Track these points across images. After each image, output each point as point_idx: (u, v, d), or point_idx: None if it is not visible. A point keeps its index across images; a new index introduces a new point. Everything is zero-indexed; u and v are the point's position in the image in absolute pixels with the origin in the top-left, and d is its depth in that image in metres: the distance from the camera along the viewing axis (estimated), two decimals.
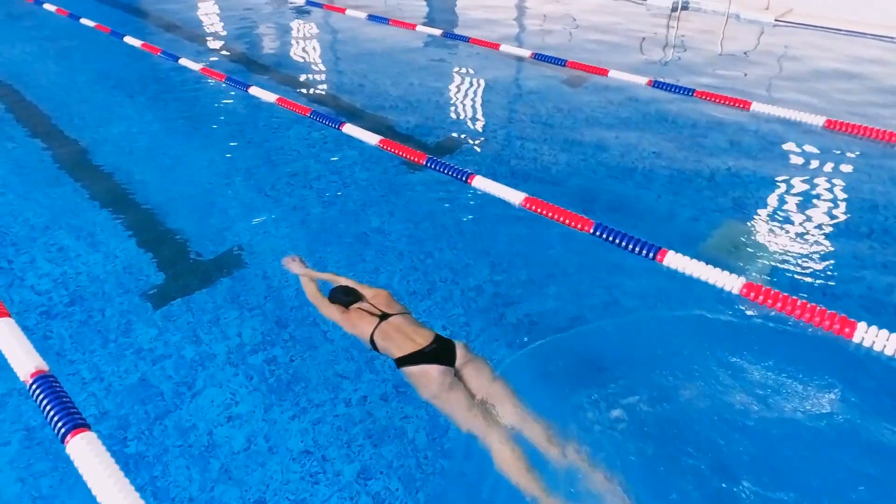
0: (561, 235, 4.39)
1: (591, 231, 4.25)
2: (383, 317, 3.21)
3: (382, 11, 10.06)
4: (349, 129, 5.70)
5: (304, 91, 7.14)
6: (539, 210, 4.50)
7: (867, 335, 3.34)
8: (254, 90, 6.53)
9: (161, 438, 2.97)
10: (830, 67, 7.59)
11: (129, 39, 8.28)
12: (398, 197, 4.99)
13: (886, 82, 7.10)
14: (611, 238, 4.17)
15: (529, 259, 4.26)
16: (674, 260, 3.92)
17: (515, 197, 4.63)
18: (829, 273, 4.03)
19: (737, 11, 9.71)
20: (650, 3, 10.55)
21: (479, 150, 5.77)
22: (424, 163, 5.16)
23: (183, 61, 7.43)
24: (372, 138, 5.48)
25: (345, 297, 3.39)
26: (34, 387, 2.98)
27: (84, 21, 9.15)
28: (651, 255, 4.01)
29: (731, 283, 3.72)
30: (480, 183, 4.82)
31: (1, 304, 3.52)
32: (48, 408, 2.88)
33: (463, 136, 6.07)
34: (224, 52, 8.49)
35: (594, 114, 6.44)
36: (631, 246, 4.09)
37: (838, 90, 6.87)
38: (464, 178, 4.91)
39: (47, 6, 10.02)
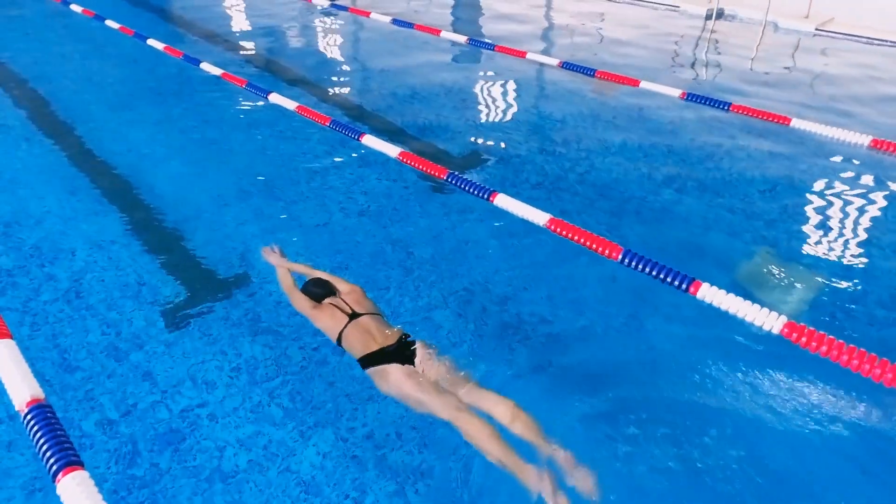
0: (587, 258, 4.17)
1: (620, 259, 4.00)
2: (353, 316, 3.24)
3: (407, 16, 9.88)
4: (369, 140, 5.53)
5: (324, 98, 6.99)
6: (565, 233, 4.27)
7: None
8: (274, 97, 6.39)
9: (165, 479, 2.81)
10: (876, 82, 7.23)
11: (152, 42, 8.23)
12: (418, 213, 4.81)
13: None
14: (640, 267, 3.92)
15: (552, 282, 4.06)
16: (708, 293, 3.66)
17: (540, 218, 4.40)
18: (877, 312, 3.74)
19: (775, 20, 9.34)
20: (684, 10, 10.22)
21: (502, 163, 5.56)
22: (445, 178, 4.96)
23: (204, 66, 7.34)
24: (392, 150, 5.30)
25: (317, 290, 3.42)
26: (28, 417, 2.84)
27: (109, 23, 9.13)
28: (684, 286, 3.75)
29: (770, 321, 3.44)
30: (503, 202, 4.60)
31: (3, 325, 3.40)
32: (40, 441, 2.74)
33: (486, 148, 5.87)
34: (246, 57, 8.39)
35: (623, 127, 6.18)
36: (662, 276, 3.83)
37: (885, 106, 6.52)
38: (486, 196, 4.70)
39: (74, 7, 10.04)
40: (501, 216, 4.62)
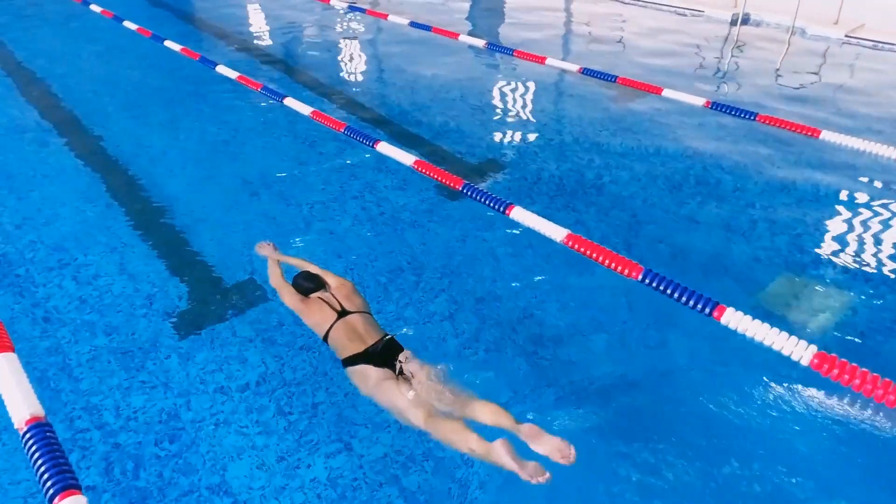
0: (605, 274, 4.02)
1: (640, 278, 3.85)
2: (342, 314, 3.24)
3: (425, 18, 9.77)
4: (384, 147, 5.42)
5: (340, 102, 6.89)
6: (583, 250, 4.13)
7: None
8: (289, 101, 6.32)
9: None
10: None
11: (169, 44, 8.20)
12: (432, 222, 4.70)
13: None
14: (661, 288, 3.77)
15: (568, 298, 3.94)
16: (733, 318, 3.50)
17: (557, 233, 4.27)
18: None
19: (803, 26, 9.08)
20: (708, 15, 9.99)
21: (519, 172, 5.43)
22: (461, 189, 4.83)
23: (220, 69, 7.29)
24: (407, 159, 5.19)
25: (307, 284, 3.44)
26: (27, 437, 2.77)
27: (127, 24, 9.13)
28: (707, 310, 3.59)
29: (799, 351, 3.28)
30: (519, 215, 4.47)
31: (7, 338, 3.34)
32: (38, 463, 2.66)
33: (503, 155, 5.74)
34: (262, 59, 8.33)
35: (644, 136, 6.01)
36: (684, 299, 3.68)
37: None
38: (502, 209, 4.57)
39: (93, 7, 10.06)
40: (517, 228, 4.49)
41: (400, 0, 11.38)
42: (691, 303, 3.65)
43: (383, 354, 3.04)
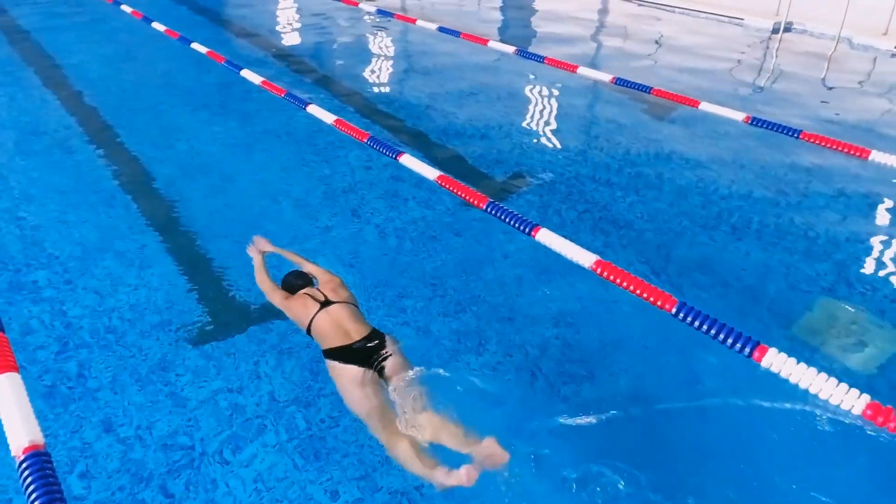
0: (634, 303, 3.79)
1: (674, 312, 3.60)
2: (325, 304, 3.15)
3: (454, 24, 9.58)
4: (407, 160, 5.24)
5: (364, 110, 6.75)
6: (612, 278, 3.89)
7: None
8: (312, 108, 6.18)
9: None
10: None
11: (195, 46, 8.15)
12: (455, 239, 4.54)
13: None
14: (697, 323, 3.51)
15: (594, 325, 3.76)
16: (776, 361, 3.23)
17: (585, 259, 4.03)
18: None
19: (849, 35, 8.67)
20: (748, 23, 9.62)
21: (546, 188, 5.22)
22: (485, 207, 4.63)
23: (245, 73, 7.20)
24: (431, 173, 5.00)
25: (297, 281, 3.41)
26: (23, 466, 2.65)
27: (155, 25, 9.12)
28: (748, 351, 3.33)
29: (850, 401, 3.00)
30: (546, 237, 4.25)
31: (11, 356, 3.24)
32: (32, 496, 2.54)
33: (531, 169, 5.53)
34: (287, 63, 8.24)
35: (679, 152, 5.74)
36: (722, 336, 3.42)
37: None
38: (527, 231, 4.35)
39: (124, 7, 10.10)
40: (544, 250, 4.28)
41: (430, 4, 11.23)
42: (729, 341, 3.39)
43: (366, 351, 2.95)
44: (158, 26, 9.07)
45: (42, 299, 3.88)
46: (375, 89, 7.41)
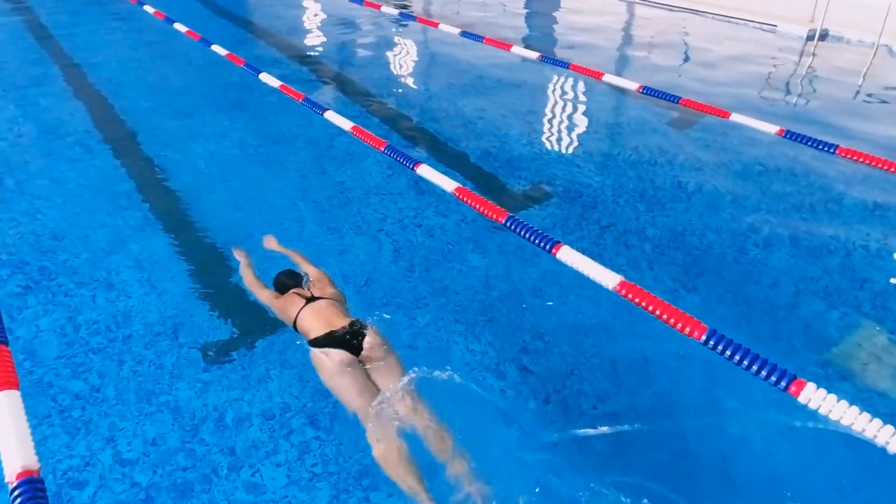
0: (660, 328, 3.60)
1: (703, 340, 3.40)
2: (310, 300, 3.26)
3: (477, 28, 9.42)
4: (424, 170, 5.09)
5: (382, 116, 6.62)
6: (637, 301, 3.69)
7: None
8: (330, 115, 6.06)
9: None
10: None
11: (216, 48, 8.09)
12: (472, 253, 4.39)
13: None
14: (728, 353, 3.31)
15: (615, 349, 3.60)
16: (814, 397, 3.02)
17: (608, 279, 3.84)
18: None
19: (888, 43, 8.33)
20: (782, 29, 9.31)
21: (568, 201, 5.04)
22: (504, 222, 4.46)
23: (263, 76, 7.11)
24: (448, 185, 4.84)
25: (288, 281, 3.51)
26: (15, 493, 2.54)
27: (177, 25, 9.09)
28: (783, 384, 3.12)
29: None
30: (567, 256, 4.06)
31: (12, 371, 3.15)
32: None
33: (552, 181, 5.35)
34: (306, 66, 8.15)
35: (708, 167, 5.51)
36: (755, 368, 3.21)
37: None
38: (548, 248, 4.17)
39: (147, 7, 10.10)
40: (564, 268, 4.11)
41: (453, 8, 11.09)
42: (763, 373, 3.18)
43: (349, 339, 3.00)
44: (180, 27, 9.05)
45: (54, 305, 3.82)
46: (395, 95, 7.28)
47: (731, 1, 10.15)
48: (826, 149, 5.58)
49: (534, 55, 8.16)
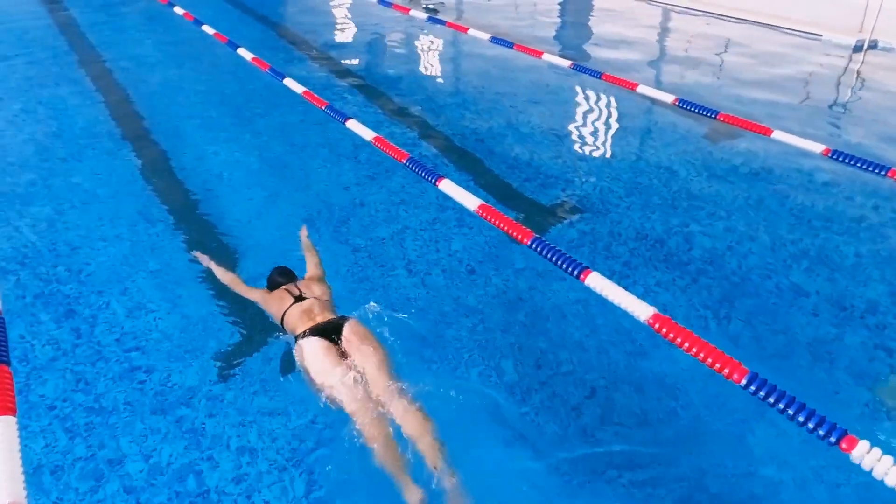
0: (693, 365, 3.36)
1: (744, 384, 3.13)
2: (298, 298, 3.35)
3: (508, 34, 9.18)
4: (447, 186, 4.88)
5: (407, 123, 6.44)
6: (673, 336, 3.43)
7: None
8: (351, 124, 5.90)
9: None
10: None
11: (242, 52, 8.01)
12: (496, 276, 4.19)
13: None
14: (772, 400, 3.03)
15: (644, 383, 3.39)
16: (868, 458, 2.73)
17: (641, 311, 3.58)
18: None
19: None
20: (827, 39, 8.88)
21: (597, 220, 4.80)
22: (530, 243, 4.23)
23: (287, 82, 6.99)
24: (471, 202, 4.63)
25: (280, 279, 3.59)
26: None
27: (205, 28, 9.04)
28: (833, 439, 2.83)
29: None
30: (597, 282, 3.81)
31: (11, 396, 3.03)
32: None
33: (580, 198, 5.13)
34: (332, 71, 8.02)
35: (747, 188, 5.22)
36: (802, 419, 2.93)
37: None
38: (576, 273, 3.93)
39: (177, 9, 10.10)
40: (593, 294, 3.88)
41: (484, 13, 10.87)
42: (810, 425, 2.90)
43: (326, 328, 3.11)
44: (208, 29, 9.00)
45: (70, 314, 3.75)
46: (421, 103, 7.10)
47: (772, 8, 9.75)
48: (877, 170, 5.22)
49: (565, 63, 7.89)
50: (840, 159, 5.43)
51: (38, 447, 3.02)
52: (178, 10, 10.06)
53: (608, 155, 5.91)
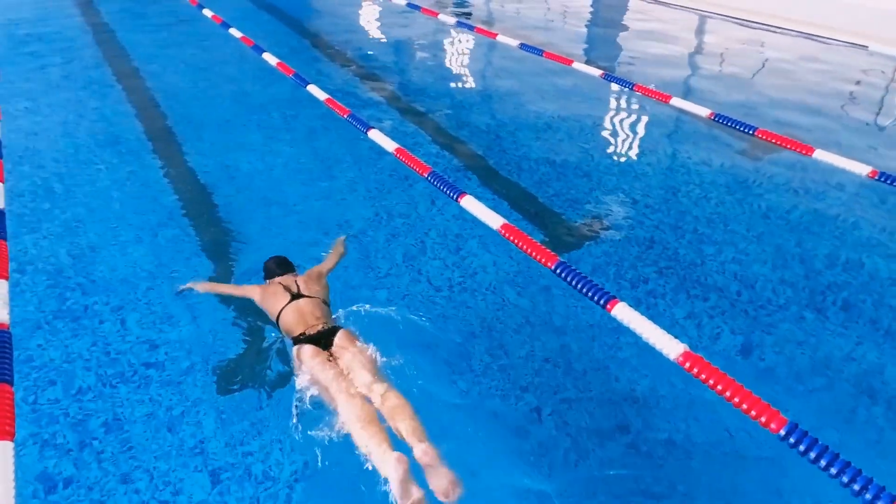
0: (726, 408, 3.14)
1: (783, 434, 2.89)
2: (295, 297, 3.36)
3: (537, 40, 8.97)
4: (469, 203, 4.70)
5: (431, 133, 6.29)
6: (704, 377, 3.20)
7: None
8: (373, 134, 5.75)
9: None
10: None
11: (266, 56, 7.94)
12: (519, 299, 4.05)
13: None
14: (813, 455, 2.79)
15: (675, 421, 3.24)
16: None
17: (670, 348, 3.36)
18: None
19: None
20: (874, 49, 8.48)
21: (625, 242, 4.60)
22: (554, 268, 4.03)
23: (311, 88, 6.88)
24: (494, 221, 4.44)
25: (276, 269, 3.62)
26: None
27: (232, 31, 9.01)
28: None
29: None
30: (624, 314, 3.60)
31: (10, 420, 2.94)
32: None
33: (608, 216, 4.92)
34: (357, 77, 7.90)
35: (786, 211, 4.96)
36: (845, 479, 2.69)
37: None
38: (602, 302, 3.72)
39: (206, 11, 10.09)
40: (620, 325, 3.68)
41: (514, 19, 10.66)
42: (855, 486, 2.66)
43: (319, 335, 3.16)
44: (235, 32, 8.96)
45: (85, 325, 3.69)
46: (446, 112, 6.93)
47: (814, 17, 9.36)
48: None
49: (596, 72, 7.65)
50: (889, 182, 5.11)
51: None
52: (207, 13, 10.06)
53: (638, 171, 5.67)
